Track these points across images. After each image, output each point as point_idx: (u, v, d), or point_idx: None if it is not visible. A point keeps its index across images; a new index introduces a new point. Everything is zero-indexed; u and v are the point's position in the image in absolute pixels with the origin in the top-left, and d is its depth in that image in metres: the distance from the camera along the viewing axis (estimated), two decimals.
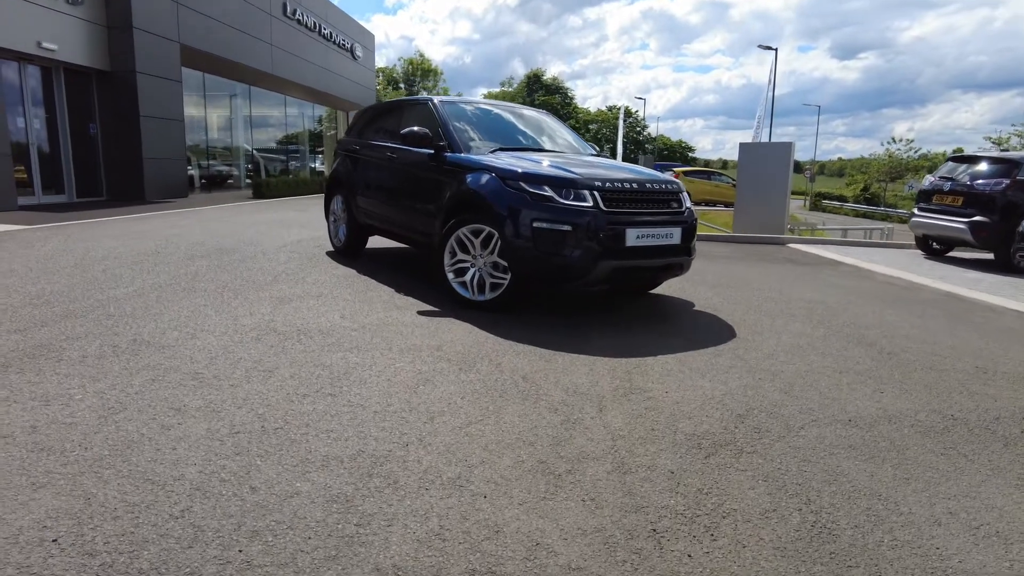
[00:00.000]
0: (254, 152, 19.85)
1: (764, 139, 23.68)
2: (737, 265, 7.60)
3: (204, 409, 2.50)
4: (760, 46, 26.18)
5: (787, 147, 11.06)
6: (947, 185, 8.75)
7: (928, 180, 9.55)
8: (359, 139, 6.33)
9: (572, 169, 4.21)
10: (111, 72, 11.86)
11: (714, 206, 23.89)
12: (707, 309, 4.92)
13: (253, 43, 16.16)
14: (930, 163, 48.52)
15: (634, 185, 4.19)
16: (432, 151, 4.88)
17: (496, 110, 5.59)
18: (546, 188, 4.02)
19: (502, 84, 75.93)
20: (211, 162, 17.37)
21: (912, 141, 62.16)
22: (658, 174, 4.61)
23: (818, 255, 9.05)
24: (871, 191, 46.78)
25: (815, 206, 42.39)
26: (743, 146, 11.67)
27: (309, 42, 19.98)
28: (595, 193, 4.01)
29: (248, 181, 17.20)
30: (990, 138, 39.40)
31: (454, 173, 4.61)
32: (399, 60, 67.03)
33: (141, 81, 11.98)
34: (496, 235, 4.17)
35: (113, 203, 11.68)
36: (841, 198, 46.36)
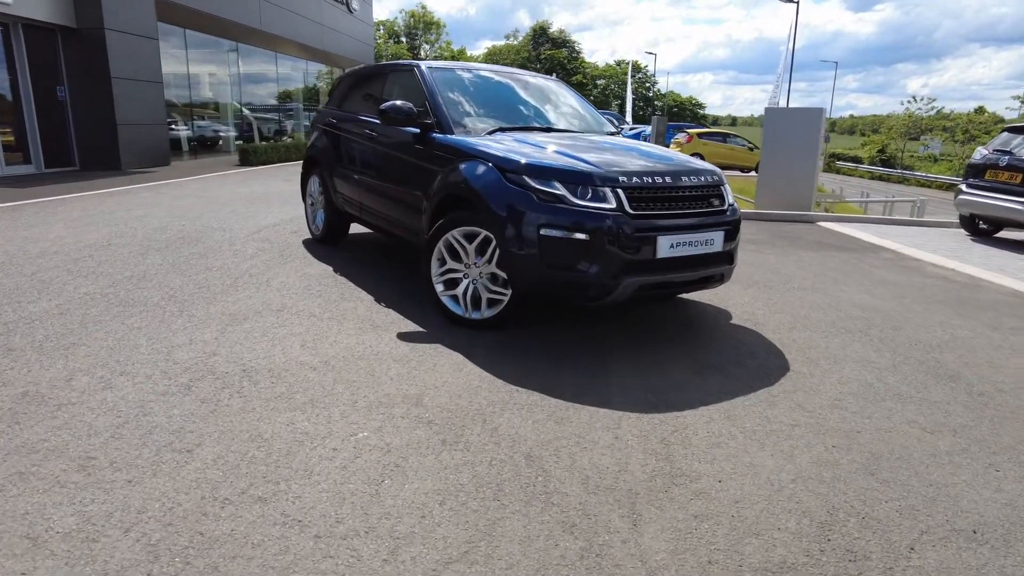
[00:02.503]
0: (247, 113, 18.79)
1: (784, 99, 22.39)
2: (768, 252, 6.76)
3: (75, 536, 1.76)
4: None
5: (818, 113, 10.05)
6: (1003, 159, 7.81)
7: (979, 153, 8.58)
8: (338, 110, 5.45)
9: (588, 158, 3.37)
10: (78, 29, 10.82)
11: (729, 171, 22.81)
12: (746, 322, 4.14)
13: None
14: (951, 122, 46.68)
15: (667, 179, 3.35)
16: (418, 130, 4.02)
17: (497, 77, 4.68)
18: (556, 184, 3.19)
19: (507, 37, 73.19)
20: (199, 125, 16.36)
21: (934, 100, 59.92)
22: (695, 162, 3.75)
23: (853, 237, 8.18)
24: (887, 152, 45.12)
25: (828, 167, 40.93)
26: (769, 111, 10.66)
27: None
28: (619, 191, 3.18)
29: (239, 144, 16.22)
30: (1019, 96, 37.55)
31: (444, 159, 3.77)
32: (400, 12, 64.42)
33: (111, 38, 10.95)
34: (494, 241, 3.36)
35: (85, 174, 10.83)
36: (856, 159, 44.76)
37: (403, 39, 63.72)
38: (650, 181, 3.29)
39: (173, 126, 14.90)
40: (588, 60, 70.35)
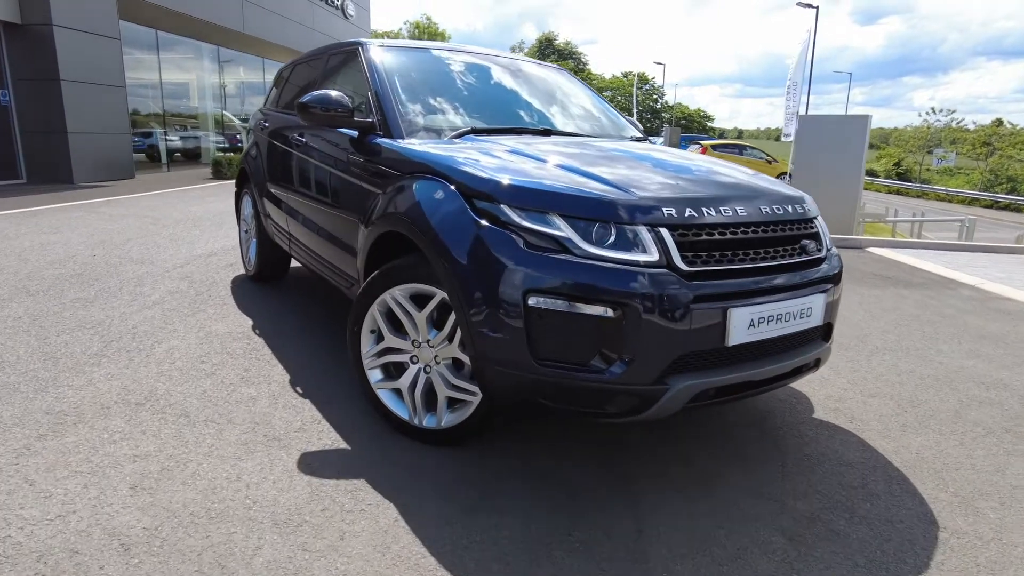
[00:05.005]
0: (237, 123, 17.63)
1: (802, 110, 21.15)
2: None
3: None
4: (799, 3, 23.34)
5: (863, 122, 8.76)
6: None
7: None
8: (274, 109, 4.18)
9: (609, 176, 2.06)
10: (22, 25, 9.65)
11: None
12: (835, 416, 2.81)
13: None
14: (962, 134, 45.32)
15: (737, 211, 2.04)
16: (355, 133, 2.74)
17: (477, 61, 3.36)
18: (556, 220, 1.88)
19: (512, 49, 72.42)
20: (176, 135, 15.20)
21: (954, 112, 58.53)
22: (774, 183, 2.43)
23: (916, 267, 6.83)
24: (903, 165, 43.75)
25: None
26: (804, 119, 9.39)
27: None
28: (661, 232, 1.87)
29: (217, 155, 15.04)
30: None
31: (387, 176, 2.47)
32: (405, 23, 63.64)
33: (61, 36, 9.76)
34: (454, 309, 2.06)
35: (30, 187, 9.60)
36: (871, 173, 43.39)
37: None
38: (711, 214, 1.98)
39: (144, 136, 13.73)
40: (595, 72, 69.35)
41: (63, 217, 6.99)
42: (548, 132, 2.84)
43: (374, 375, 2.36)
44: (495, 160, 2.19)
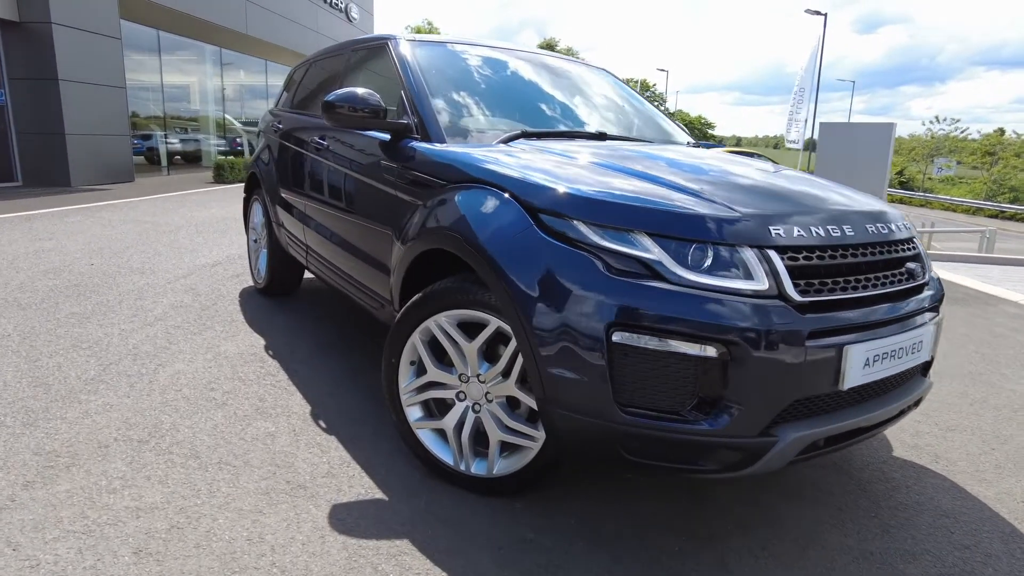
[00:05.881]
0: (238, 126, 17.33)
1: (810, 119, 20.96)
2: None
3: None
4: (808, 11, 23.18)
5: (887, 130, 8.51)
6: None
7: None
8: (288, 111, 3.88)
9: (694, 188, 1.77)
10: (20, 23, 9.35)
11: None
12: (917, 455, 2.53)
13: None
14: (969, 143, 45.27)
15: (845, 230, 1.75)
16: (387, 136, 2.44)
17: (514, 59, 3.05)
18: (644, 240, 1.59)
19: None
20: (177, 137, 14.89)
21: (958, 120, 58.55)
22: (869, 197, 2.14)
23: (952, 282, 6.55)
24: (905, 174, 43.63)
25: None
26: (825, 127, 9.13)
27: None
28: (770, 255, 1.58)
29: (219, 159, 14.73)
30: None
31: (427, 184, 2.18)
32: (407, 28, 63.47)
33: (60, 35, 9.46)
34: (514, 341, 1.76)
35: (25, 191, 9.29)
36: None
37: None
38: (819, 234, 1.69)
39: (144, 139, 13.44)
40: None
41: (59, 222, 6.68)
42: (603, 136, 2.54)
43: (413, 413, 2.06)
44: (562, 168, 1.90)
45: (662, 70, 67.76)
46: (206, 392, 2.65)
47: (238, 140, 17.35)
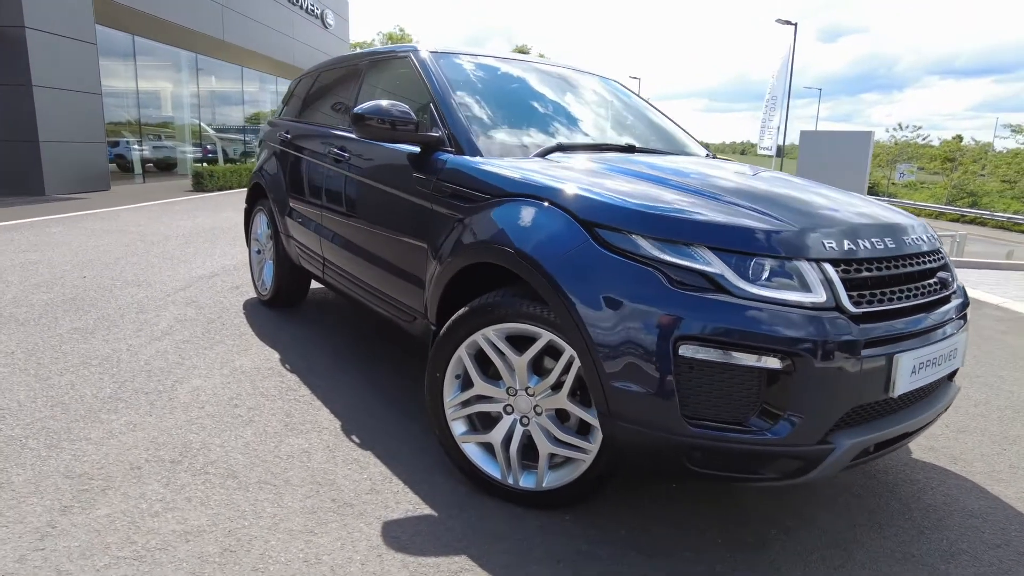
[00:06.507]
0: (211, 132, 17.04)
1: (782, 126, 21.44)
2: None
3: None
4: (779, 20, 23.85)
5: (865, 138, 8.77)
6: None
7: None
8: (296, 121, 3.84)
9: (745, 202, 1.81)
10: None
11: None
12: (937, 459, 2.61)
13: (197, 1, 13.32)
14: (929, 149, 46.82)
15: (888, 243, 1.81)
16: (418, 148, 2.44)
17: (534, 70, 3.04)
18: (706, 254, 1.62)
19: None
20: (151, 145, 14.57)
21: (920, 127, 60.46)
22: (896, 210, 2.20)
23: None
24: (870, 179, 44.96)
25: None
26: (805, 135, 9.38)
27: (270, 5, 17.11)
28: (826, 268, 1.63)
29: (197, 166, 14.46)
30: (1012, 125, 37.37)
31: (464, 198, 2.18)
32: (378, 34, 63.06)
33: (33, 39, 9.20)
34: (567, 355, 1.78)
35: (0, 200, 8.99)
36: None
37: None
38: (867, 246, 1.74)
39: (115, 145, 13.11)
40: None
41: (41, 233, 6.48)
42: (632, 149, 2.58)
43: (457, 427, 2.06)
44: (613, 182, 1.92)
45: (635, 77, 68.42)
46: (230, 409, 2.60)
47: (209, 147, 17.06)
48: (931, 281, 1.92)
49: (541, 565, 1.75)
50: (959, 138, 48.17)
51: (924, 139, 44.11)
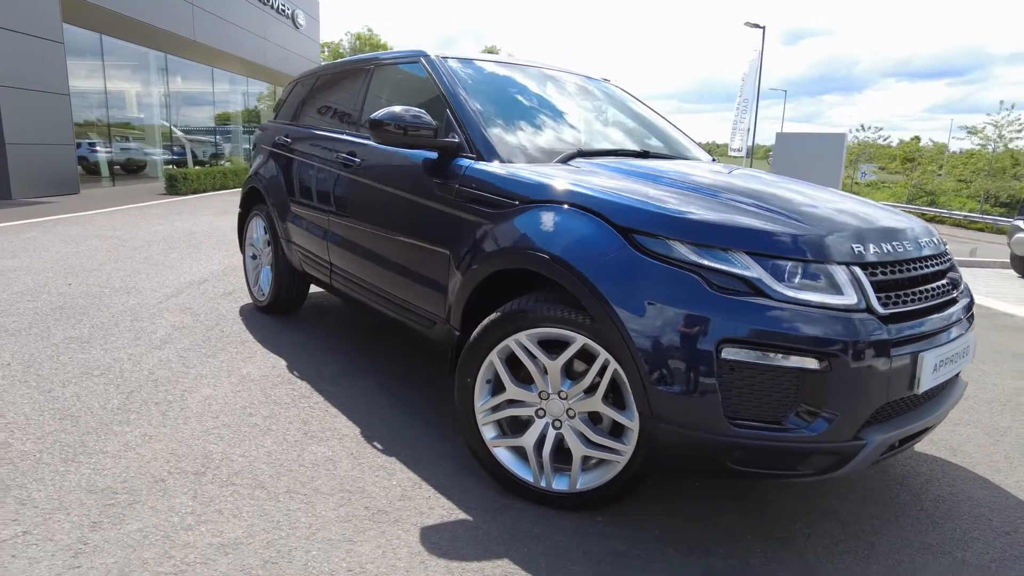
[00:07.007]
0: (180, 134, 16.65)
1: (752, 127, 21.87)
2: None
3: None
4: (747, 23, 24.41)
5: (839, 140, 9.03)
6: None
7: None
8: (294, 125, 3.80)
9: (774, 208, 1.87)
10: None
11: None
12: (938, 451, 2.72)
13: (167, 0, 13.01)
14: (889, 149, 48.30)
15: (906, 247, 1.89)
16: (435, 154, 2.44)
17: (544, 75, 3.04)
18: (744, 259, 1.66)
19: None
20: (120, 147, 14.17)
21: (881, 128, 62.24)
22: (904, 214, 2.30)
23: None
24: None
25: None
26: (780, 137, 9.59)
27: (241, 4, 16.81)
28: (856, 271, 1.69)
29: (168, 168, 14.11)
30: (968, 127, 38.77)
31: (487, 203, 2.19)
32: (347, 34, 62.41)
33: None
34: (602, 358, 1.81)
35: None
36: None
37: None
38: (889, 250, 1.82)
39: (82, 147, 12.73)
40: None
41: (16, 238, 6.26)
42: (646, 154, 2.63)
43: (488, 431, 2.07)
44: (644, 188, 1.96)
45: (605, 79, 68.99)
46: (245, 418, 2.57)
47: (176, 149, 16.67)
48: (943, 282, 2.01)
49: (582, 566, 1.77)
50: (917, 139, 49.86)
51: (885, 140, 45.50)
